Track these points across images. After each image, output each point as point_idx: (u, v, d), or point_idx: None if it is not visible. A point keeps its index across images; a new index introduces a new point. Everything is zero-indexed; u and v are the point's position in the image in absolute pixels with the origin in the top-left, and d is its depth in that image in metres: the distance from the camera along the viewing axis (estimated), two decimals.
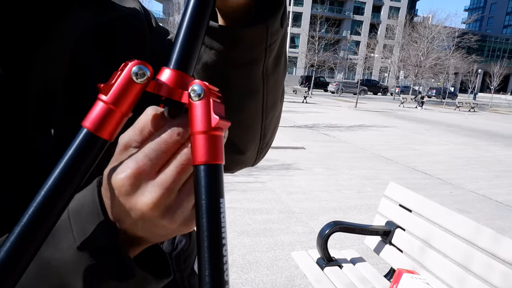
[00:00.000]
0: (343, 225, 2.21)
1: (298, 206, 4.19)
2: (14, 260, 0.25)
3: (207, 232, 0.26)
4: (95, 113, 0.26)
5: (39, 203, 0.25)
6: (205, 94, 0.27)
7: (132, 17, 0.54)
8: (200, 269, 0.25)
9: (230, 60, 0.45)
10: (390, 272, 2.33)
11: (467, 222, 1.82)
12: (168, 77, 0.28)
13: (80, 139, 0.26)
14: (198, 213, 0.26)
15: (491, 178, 6.35)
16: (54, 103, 0.43)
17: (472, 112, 23.22)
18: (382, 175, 5.86)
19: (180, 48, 0.29)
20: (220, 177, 0.27)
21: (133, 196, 0.27)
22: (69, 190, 0.26)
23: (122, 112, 0.27)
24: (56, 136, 0.42)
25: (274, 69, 0.50)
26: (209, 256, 0.25)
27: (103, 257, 0.30)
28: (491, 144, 10.27)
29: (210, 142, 0.26)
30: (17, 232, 0.25)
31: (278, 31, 0.45)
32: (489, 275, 1.61)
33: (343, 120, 12.98)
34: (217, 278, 0.25)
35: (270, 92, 0.51)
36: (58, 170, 0.26)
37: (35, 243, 0.25)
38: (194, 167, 0.26)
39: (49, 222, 0.26)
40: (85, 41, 0.46)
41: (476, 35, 43.54)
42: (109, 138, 0.27)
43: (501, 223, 4.22)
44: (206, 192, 0.26)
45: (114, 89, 0.26)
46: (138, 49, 0.54)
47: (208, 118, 0.26)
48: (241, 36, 0.43)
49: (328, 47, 37.01)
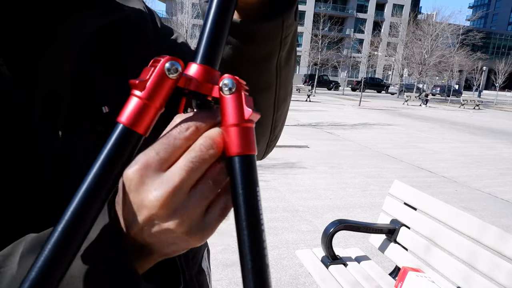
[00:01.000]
0: (347, 223, 2.21)
1: (302, 205, 4.19)
2: (61, 254, 0.25)
3: (246, 221, 0.27)
4: (130, 109, 0.27)
5: (80, 200, 0.26)
6: (236, 88, 0.27)
7: (136, 17, 0.54)
8: (242, 256, 0.27)
9: (246, 54, 0.45)
10: (395, 270, 2.32)
11: (472, 220, 1.82)
12: (196, 71, 0.29)
13: (116, 135, 0.27)
14: (236, 203, 0.27)
15: (496, 176, 6.30)
16: (60, 106, 0.42)
17: (477, 110, 23.06)
18: (386, 173, 5.84)
19: (206, 43, 0.30)
20: (255, 166, 0.28)
21: (140, 192, 0.27)
22: (108, 185, 0.26)
23: (157, 107, 0.27)
24: (62, 140, 0.42)
25: (286, 63, 0.50)
26: (249, 243, 0.26)
27: (108, 268, 0.29)
28: (496, 142, 10.19)
29: (244, 134, 0.27)
30: (60, 229, 0.25)
31: (292, 25, 0.46)
32: (495, 273, 1.60)
33: (347, 118, 12.94)
34: (259, 263, 0.26)
35: (282, 86, 0.52)
36: (96, 166, 0.26)
37: (77, 240, 0.26)
38: (229, 158, 0.27)
39: (89, 220, 0.26)
40: (90, 43, 0.46)
41: (480, 32, 43.23)
42: (144, 133, 0.27)
43: (506, 221, 4.20)
44: (243, 182, 0.27)
45: (148, 84, 0.27)
46: (142, 49, 0.54)
47: (241, 111, 0.27)
48: (257, 31, 0.43)
49: (331, 46, 36.90)
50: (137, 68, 0.53)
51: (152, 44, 0.55)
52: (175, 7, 30.89)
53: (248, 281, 0.26)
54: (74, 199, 0.26)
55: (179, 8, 28.64)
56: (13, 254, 0.32)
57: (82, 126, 0.45)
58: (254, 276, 0.26)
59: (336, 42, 39.32)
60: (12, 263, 0.32)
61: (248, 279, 0.26)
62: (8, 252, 0.33)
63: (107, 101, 0.47)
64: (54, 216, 0.40)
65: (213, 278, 2.62)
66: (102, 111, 0.46)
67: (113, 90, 0.49)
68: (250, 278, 0.26)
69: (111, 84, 0.49)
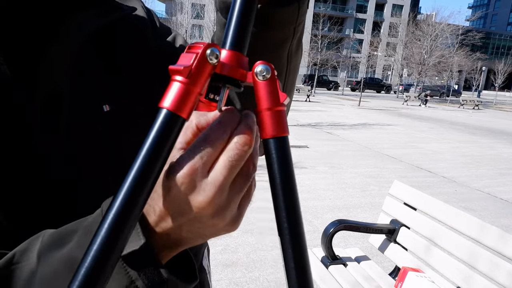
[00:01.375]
0: (347, 223, 2.20)
1: (302, 205, 4.15)
2: (92, 282, 0.25)
3: (284, 198, 0.28)
4: (173, 94, 0.27)
5: (129, 187, 0.26)
6: (271, 74, 0.29)
7: (135, 17, 0.55)
8: (281, 235, 0.28)
9: (261, 40, 0.46)
10: (395, 270, 2.32)
11: (472, 220, 1.81)
12: (227, 57, 0.29)
13: (161, 120, 0.27)
14: (273, 182, 0.28)
15: (496, 176, 6.31)
16: (60, 106, 0.43)
17: (477, 110, 23.08)
18: (386, 173, 5.85)
19: (234, 29, 0.30)
20: (289, 147, 0.29)
21: (189, 195, 0.28)
22: (156, 169, 0.27)
23: (198, 91, 0.28)
24: (63, 139, 0.42)
25: (296, 51, 0.51)
26: (288, 222, 0.28)
27: (136, 262, 0.30)
28: (496, 142, 10.20)
29: (280, 117, 0.29)
30: (112, 215, 0.25)
31: (305, 12, 0.47)
32: (495, 274, 1.60)
33: (347, 118, 12.94)
34: (298, 242, 0.28)
35: (290, 74, 0.53)
36: (143, 151, 0.26)
37: (130, 222, 0.26)
38: (265, 140, 0.29)
39: (139, 208, 0.26)
40: (90, 43, 0.46)
41: (480, 33, 43.29)
42: (187, 117, 0.28)
43: (506, 221, 4.20)
44: (279, 162, 0.28)
45: (192, 70, 0.27)
46: (142, 48, 0.54)
47: (276, 95, 0.29)
48: (275, 16, 0.44)
49: (331, 46, 36.88)
50: (136, 66, 0.53)
51: (151, 43, 0.56)
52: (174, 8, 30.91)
53: (289, 262, 0.27)
54: (123, 187, 0.26)
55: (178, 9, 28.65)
56: (30, 249, 0.33)
57: (83, 125, 0.45)
58: (296, 257, 0.27)
59: (335, 42, 39.37)
60: (30, 258, 0.32)
61: (289, 263, 0.27)
62: (24, 247, 0.34)
63: (107, 100, 0.47)
64: (57, 214, 0.40)
65: (213, 278, 2.62)
66: (103, 109, 0.47)
67: (113, 89, 0.49)
68: (291, 260, 0.27)
69: (111, 83, 0.49)
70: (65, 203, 0.42)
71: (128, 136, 0.48)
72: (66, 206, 0.42)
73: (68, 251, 0.31)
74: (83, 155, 0.44)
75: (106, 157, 0.46)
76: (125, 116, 0.49)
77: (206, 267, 0.63)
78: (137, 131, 0.43)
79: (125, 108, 0.49)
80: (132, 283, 0.30)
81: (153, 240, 0.30)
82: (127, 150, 0.42)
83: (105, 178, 0.46)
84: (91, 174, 0.44)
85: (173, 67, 0.27)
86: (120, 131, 0.48)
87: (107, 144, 0.47)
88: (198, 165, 0.27)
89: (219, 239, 3.16)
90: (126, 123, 0.49)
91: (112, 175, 0.46)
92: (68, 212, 0.39)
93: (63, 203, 0.42)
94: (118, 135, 0.48)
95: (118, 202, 0.25)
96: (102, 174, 0.45)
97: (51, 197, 0.41)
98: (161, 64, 0.54)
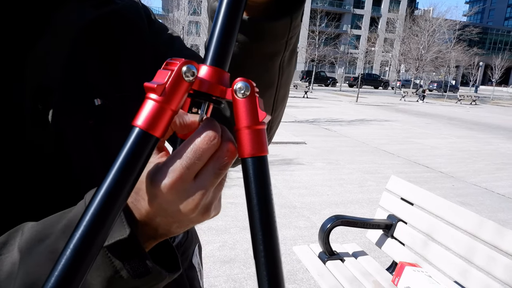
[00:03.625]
0: (345, 219, 2.20)
1: (300, 201, 4.20)
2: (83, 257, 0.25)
3: (260, 219, 0.27)
4: (146, 112, 0.27)
5: (99, 204, 0.26)
6: (250, 91, 0.28)
7: (130, 11, 0.54)
8: (256, 257, 0.28)
9: (252, 52, 0.45)
10: (392, 265, 2.33)
11: (469, 215, 1.82)
12: (207, 73, 0.29)
13: (133, 138, 0.27)
14: (250, 202, 0.28)
15: (493, 171, 6.33)
16: (51, 99, 0.42)
17: (474, 105, 23.15)
18: (383, 169, 5.86)
19: (216, 45, 0.30)
20: (267, 166, 0.29)
21: (175, 203, 0.29)
22: (126, 189, 0.27)
23: (173, 109, 0.28)
24: (53, 133, 0.42)
25: (289, 63, 0.50)
26: (264, 244, 0.27)
27: (121, 252, 0.30)
28: (493, 137, 10.24)
29: (257, 136, 0.28)
30: (79, 233, 0.25)
31: (298, 26, 0.46)
32: (492, 268, 1.61)
33: (344, 114, 12.95)
34: (273, 266, 0.27)
35: (282, 86, 0.51)
36: (114, 170, 0.26)
37: (97, 245, 0.26)
38: (243, 160, 0.28)
39: (108, 224, 0.26)
40: (81, 36, 0.45)
41: (477, 28, 43.21)
42: (161, 135, 0.28)
43: (503, 216, 4.22)
44: (256, 182, 0.28)
45: (166, 88, 0.27)
46: (137, 43, 0.54)
47: (255, 114, 0.28)
48: (266, 29, 0.43)
49: (328, 42, 36.83)
50: (130, 61, 0.53)
51: (146, 38, 0.55)
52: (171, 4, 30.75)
53: (262, 277, 0.27)
54: (93, 203, 0.26)
55: (175, 5, 28.50)
56: (10, 242, 0.33)
57: (73, 119, 0.44)
58: (268, 274, 0.27)
59: (333, 38, 39.21)
60: (11, 250, 0.32)
61: (262, 275, 0.27)
62: (4, 240, 0.34)
63: (99, 94, 0.47)
64: (46, 206, 0.40)
65: (211, 274, 2.62)
66: (95, 103, 0.46)
67: (105, 82, 0.48)
68: (264, 275, 0.27)
69: (103, 76, 0.48)
70: (54, 197, 0.41)
71: (119, 130, 0.47)
72: (56, 199, 0.41)
73: (51, 243, 0.31)
74: (74, 149, 0.44)
75: (96, 151, 0.46)
76: (116, 110, 0.48)
77: (196, 264, 0.63)
78: (129, 126, 0.42)
79: (117, 102, 0.48)
80: (116, 272, 0.30)
81: (137, 231, 0.31)
82: (118, 144, 0.42)
83: (95, 172, 0.45)
84: (81, 168, 0.44)
85: (148, 84, 0.27)
86: (111, 125, 0.47)
87: (97, 138, 0.46)
88: (185, 175, 0.28)
89: (218, 235, 3.16)
90: (118, 117, 0.48)
91: (102, 170, 0.45)
92: (57, 205, 0.39)
93: (52, 197, 0.41)
94: (109, 129, 0.47)
95: (87, 219, 0.25)
96: (93, 168, 0.45)
97: (40, 191, 0.41)
98: (156, 61, 0.53)
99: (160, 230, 0.32)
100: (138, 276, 0.30)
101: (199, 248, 0.67)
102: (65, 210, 0.34)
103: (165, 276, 0.32)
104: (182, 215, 0.30)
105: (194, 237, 0.64)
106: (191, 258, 0.61)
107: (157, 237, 0.32)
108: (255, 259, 0.27)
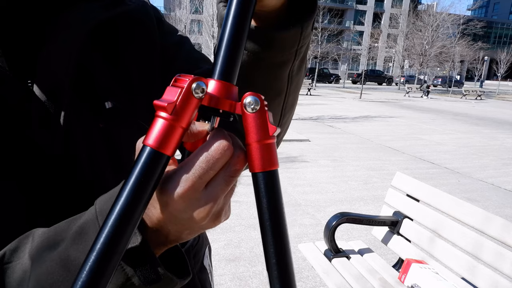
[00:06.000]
0: (350, 216, 2.19)
1: (305, 199, 4.19)
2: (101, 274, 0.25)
3: (272, 234, 0.28)
4: (157, 131, 0.27)
5: (113, 224, 0.26)
6: (260, 105, 0.28)
7: (140, 12, 0.53)
8: (269, 271, 0.28)
9: (261, 61, 0.44)
10: (399, 262, 2.32)
11: (476, 211, 1.80)
12: (216, 88, 0.29)
13: (145, 158, 0.27)
14: (261, 217, 0.28)
15: (499, 166, 6.28)
16: (60, 100, 0.42)
17: (479, 100, 22.96)
18: (388, 165, 5.83)
19: (223, 59, 0.30)
20: (278, 180, 0.29)
21: (186, 211, 0.29)
22: (140, 208, 0.27)
23: (183, 127, 0.27)
24: (63, 135, 0.42)
25: (298, 71, 0.49)
26: (276, 257, 0.27)
27: (133, 260, 0.30)
28: (499, 132, 10.15)
29: (269, 150, 0.28)
30: (94, 255, 0.25)
31: (309, 35, 0.45)
32: (500, 264, 1.59)
33: (348, 111, 12.90)
34: (287, 278, 0.27)
35: (291, 94, 0.51)
36: (127, 190, 0.26)
37: (112, 265, 0.26)
38: (254, 174, 0.28)
39: (123, 244, 0.26)
40: (90, 38, 0.45)
41: (481, 22, 42.83)
42: (172, 154, 0.28)
43: (510, 211, 4.18)
44: (269, 197, 0.28)
45: (177, 106, 0.27)
46: (145, 44, 0.53)
47: (265, 128, 0.28)
48: (276, 39, 0.42)
49: (331, 38, 36.65)
50: (139, 62, 0.52)
51: (155, 39, 0.54)
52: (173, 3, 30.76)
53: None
54: (107, 222, 0.26)
55: (177, 4, 28.50)
56: (21, 248, 0.33)
57: (84, 121, 0.44)
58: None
59: (336, 34, 39.09)
60: (21, 257, 0.32)
61: None
62: (14, 246, 0.33)
63: (109, 96, 0.47)
64: (59, 210, 0.40)
65: (217, 273, 2.62)
66: (105, 106, 0.46)
67: (115, 84, 0.48)
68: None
69: (113, 78, 0.48)
70: (64, 198, 0.41)
71: (129, 133, 0.47)
72: (65, 201, 0.41)
73: (62, 250, 0.31)
74: (84, 151, 0.44)
75: (106, 154, 0.46)
76: (126, 112, 0.48)
77: (207, 266, 0.63)
78: (138, 128, 0.42)
79: (127, 105, 0.48)
80: (128, 280, 0.30)
81: (148, 238, 0.31)
82: (128, 147, 0.42)
83: (105, 174, 0.45)
84: (91, 170, 0.44)
85: (157, 102, 0.27)
86: (121, 128, 0.47)
87: (107, 140, 0.46)
88: (197, 183, 0.28)
89: (223, 234, 3.16)
90: (127, 119, 0.48)
91: (112, 172, 0.46)
92: (66, 208, 0.39)
93: (62, 198, 0.41)
94: (118, 131, 0.47)
95: (102, 239, 0.25)
96: (103, 170, 0.45)
97: (49, 193, 0.41)
98: (163, 63, 0.53)
99: (170, 236, 0.31)
100: (149, 283, 0.30)
101: (209, 249, 0.67)
102: (75, 216, 0.34)
103: (176, 282, 0.32)
104: (193, 223, 0.30)
105: (204, 239, 0.64)
106: (202, 260, 0.61)
107: (168, 243, 0.32)
108: (268, 273, 0.27)
